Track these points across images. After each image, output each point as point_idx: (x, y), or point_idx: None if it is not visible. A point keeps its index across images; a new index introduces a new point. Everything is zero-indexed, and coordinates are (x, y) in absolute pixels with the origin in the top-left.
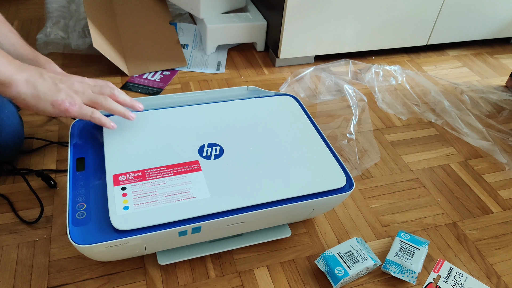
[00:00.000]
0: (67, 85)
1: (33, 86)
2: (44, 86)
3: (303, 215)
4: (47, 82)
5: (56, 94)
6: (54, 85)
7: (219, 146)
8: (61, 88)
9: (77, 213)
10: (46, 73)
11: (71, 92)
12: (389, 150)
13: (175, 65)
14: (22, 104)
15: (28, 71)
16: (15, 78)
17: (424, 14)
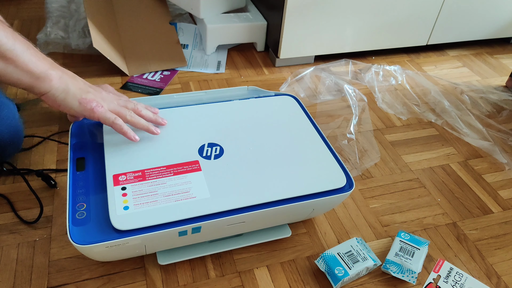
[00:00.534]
0: (95, 90)
1: (65, 83)
2: (75, 85)
3: (303, 215)
4: (78, 82)
5: (85, 93)
6: (84, 87)
7: (219, 146)
8: (90, 91)
9: (77, 213)
10: (79, 77)
11: (99, 97)
12: (389, 150)
13: (175, 65)
14: (50, 99)
15: (61, 70)
16: (50, 73)
17: (424, 14)
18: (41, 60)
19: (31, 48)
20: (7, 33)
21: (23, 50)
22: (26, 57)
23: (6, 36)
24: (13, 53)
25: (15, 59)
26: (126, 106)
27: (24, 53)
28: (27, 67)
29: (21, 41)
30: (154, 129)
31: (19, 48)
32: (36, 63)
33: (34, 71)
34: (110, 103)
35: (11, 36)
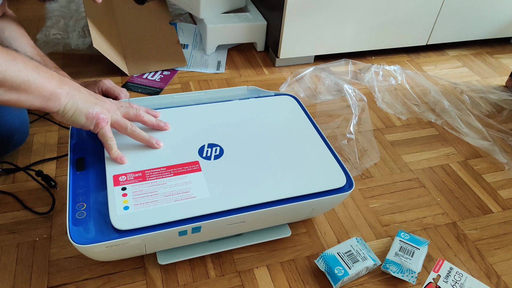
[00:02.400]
0: (100, 100)
1: (73, 98)
2: (82, 99)
3: (303, 215)
4: (84, 95)
5: (92, 107)
6: (91, 99)
7: (219, 146)
8: (96, 102)
9: (77, 213)
10: (82, 87)
11: (104, 108)
12: (389, 150)
13: (175, 65)
14: (60, 116)
15: (68, 84)
16: (58, 92)
17: (424, 14)
18: (50, 80)
19: (40, 69)
20: (18, 62)
21: (35, 77)
22: (38, 82)
23: (19, 69)
24: (26, 84)
25: (28, 88)
26: (128, 113)
27: (36, 80)
28: (38, 92)
29: (31, 65)
30: (155, 142)
31: (31, 76)
32: (46, 86)
33: (44, 94)
34: (114, 114)
35: (22, 64)
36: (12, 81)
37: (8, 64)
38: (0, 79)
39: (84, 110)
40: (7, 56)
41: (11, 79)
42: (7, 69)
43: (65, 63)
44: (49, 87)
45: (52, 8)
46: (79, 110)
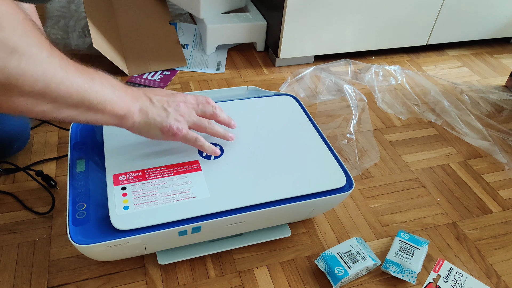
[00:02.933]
0: (174, 108)
1: (145, 114)
2: (155, 113)
3: (303, 215)
4: (156, 108)
5: (166, 120)
6: (163, 110)
7: (219, 146)
8: (169, 113)
9: (77, 213)
10: (154, 96)
11: (178, 116)
12: (389, 150)
13: (175, 65)
14: (136, 131)
15: (140, 99)
16: (132, 110)
17: (424, 14)
18: (124, 99)
19: (115, 87)
20: (96, 83)
21: (111, 97)
22: (113, 102)
23: (96, 91)
24: (102, 105)
25: (104, 108)
26: (205, 112)
27: (111, 100)
28: (113, 111)
29: (107, 84)
30: (230, 136)
31: (108, 95)
32: (120, 105)
33: (119, 114)
34: (189, 117)
35: (99, 84)
36: (90, 102)
37: (87, 85)
38: (79, 101)
39: (158, 124)
40: (86, 76)
41: (89, 100)
42: (86, 91)
43: None
44: (123, 106)
45: (52, 8)
46: (153, 125)
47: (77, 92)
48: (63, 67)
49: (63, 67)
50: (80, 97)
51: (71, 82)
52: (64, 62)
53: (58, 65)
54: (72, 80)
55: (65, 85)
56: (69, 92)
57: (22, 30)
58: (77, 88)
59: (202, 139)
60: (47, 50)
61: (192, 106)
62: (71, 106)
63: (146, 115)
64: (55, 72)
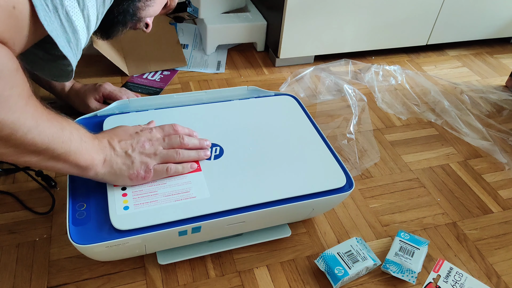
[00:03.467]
0: (138, 150)
1: (110, 165)
2: (119, 162)
3: (303, 215)
4: (120, 157)
5: (131, 167)
6: (127, 158)
7: (219, 146)
8: (133, 158)
9: (77, 213)
10: (117, 144)
11: (144, 158)
12: (389, 150)
13: (175, 65)
14: (100, 181)
15: (105, 149)
16: (96, 163)
17: (424, 14)
18: (89, 149)
19: (83, 139)
20: (65, 132)
21: (76, 148)
22: (78, 153)
23: (63, 141)
24: (66, 155)
25: (66, 159)
26: (172, 145)
27: (76, 151)
28: (76, 162)
29: (76, 134)
30: (204, 155)
31: (73, 146)
32: (84, 157)
33: (81, 165)
34: (156, 156)
35: (68, 135)
36: (53, 151)
37: (55, 135)
38: (43, 149)
39: (125, 173)
40: (56, 126)
41: (52, 150)
42: (52, 141)
43: None
44: (87, 158)
45: None
46: (120, 174)
47: (42, 141)
48: (35, 116)
49: (35, 116)
50: (45, 146)
51: (38, 132)
52: (38, 111)
53: (30, 115)
54: (40, 130)
55: (32, 134)
56: (34, 141)
57: (8, 80)
58: (44, 138)
59: (172, 167)
60: (24, 99)
61: (158, 142)
62: (33, 153)
63: (110, 166)
64: (25, 121)
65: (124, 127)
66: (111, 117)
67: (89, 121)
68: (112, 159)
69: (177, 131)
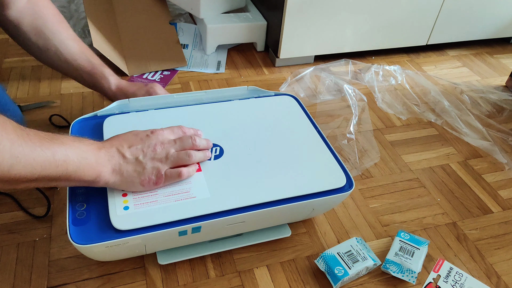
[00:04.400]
0: (149, 155)
1: (120, 173)
2: (130, 169)
3: (303, 215)
4: (130, 163)
5: (142, 173)
6: (139, 164)
7: (219, 146)
8: (145, 164)
9: (77, 213)
10: (127, 150)
11: (156, 163)
12: (389, 150)
13: (175, 65)
14: (113, 188)
15: (113, 158)
16: (103, 174)
17: (424, 14)
18: (92, 164)
19: (83, 156)
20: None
21: (76, 167)
22: (79, 172)
23: (57, 165)
24: (66, 176)
25: (68, 178)
26: (184, 147)
27: (76, 170)
28: (80, 179)
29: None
30: (208, 155)
31: (71, 167)
32: (87, 171)
33: (87, 179)
34: (167, 160)
35: (63, 157)
36: (49, 177)
37: (45, 163)
38: (35, 178)
39: (137, 179)
40: (46, 153)
41: (47, 176)
42: (44, 169)
43: None
44: (91, 172)
45: None
46: (131, 182)
47: (31, 173)
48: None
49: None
50: (36, 175)
51: (22, 166)
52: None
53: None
54: (24, 163)
55: (15, 169)
56: (21, 174)
57: None
58: (31, 169)
59: (185, 171)
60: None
61: (170, 145)
62: (27, 182)
63: (121, 174)
64: (2, 160)
65: (135, 131)
66: (111, 117)
67: (89, 121)
68: (122, 167)
69: (187, 133)
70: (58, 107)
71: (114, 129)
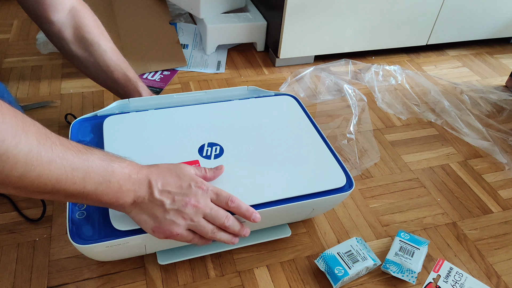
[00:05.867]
0: (177, 206)
1: (139, 207)
2: (149, 209)
3: (303, 215)
4: (153, 204)
5: (159, 221)
6: (161, 210)
7: (219, 146)
8: (167, 213)
9: (77, 213)
10: (159, 189)
11: (178, 218)
12: (389, 150)
13: (175, 65)
14: None
15: (138, 190)
16: (121, 203)
17: (424, 14)
18: (113, 189)
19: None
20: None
21: (93, 187)
22: (97, 193)
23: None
24: (82, 195)
25: (86, 197)
26: (214, 221)
27: (95, 191)
28: (97, 200)
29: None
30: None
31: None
32: (105, 195)
33: (105, 202)
34: (191, 221)
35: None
36: (65, 192)
37: (62, 177)
38: (49, 191)
39: (150, 223)
40: (65, 167)
41: (63, 191)
42: (59, 183)
43: (65, 63)
44: (110, 197)
45: None
46: (144, 222)
47: (44, 184)
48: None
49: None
50: (50, 188)
51: (37, 175)
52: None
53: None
54: (39, 173)
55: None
56: (34, 184)
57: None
58: (45, 181)
59: (198, 243)
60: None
61: (203, 209)
62: (40, 193)
63: (140, 208)
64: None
65: (183, 169)
66: (111, 117)
67: (89, 121)
68: (143, 204)
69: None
70: (58, 107)
71: (114, 129)
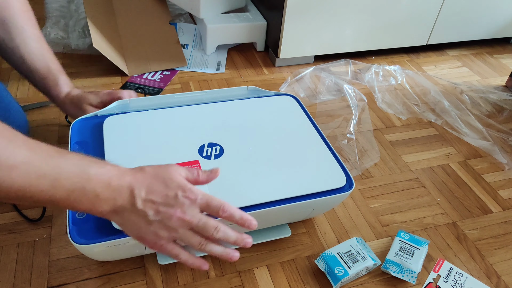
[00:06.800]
0: (161, 217)
1: (120, 216)
2: (132, 218)
3: (303, 215)
4: (135, 213)
5: (143, 232)
6: (144, 221)
7: (219, 146)
8: (150, 224)
9: (77, 213)
10: (142, 198)
11: (161, 231)
12: (389, 150)
13: (175, 65)
14: None
15: (117, 200)
16: (99, 211)
17: (424, 14)
18: (87, 198)
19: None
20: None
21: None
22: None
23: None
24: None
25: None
26: (203, 232)
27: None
28: (72, 207)
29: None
30: (232, 256)
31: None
32: (79, 204)
33: (80, 209)
34: (176, 233)
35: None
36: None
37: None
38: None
39: (134, 232)
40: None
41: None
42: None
43: (65, 63)
44: (85, 205)
45: (52, 8)
46: (128, 230)
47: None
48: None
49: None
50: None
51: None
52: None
53: None
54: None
55: None
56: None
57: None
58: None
59: (183, 257)
60: None
61: (189, 222)
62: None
63: (121, 217)
64: None
65: (172, 174)
66: (111, 117)
67: (89, 121)
68: (125, 213)
69: (222, 217)
70: (58, 107)
71: (114, 129)
